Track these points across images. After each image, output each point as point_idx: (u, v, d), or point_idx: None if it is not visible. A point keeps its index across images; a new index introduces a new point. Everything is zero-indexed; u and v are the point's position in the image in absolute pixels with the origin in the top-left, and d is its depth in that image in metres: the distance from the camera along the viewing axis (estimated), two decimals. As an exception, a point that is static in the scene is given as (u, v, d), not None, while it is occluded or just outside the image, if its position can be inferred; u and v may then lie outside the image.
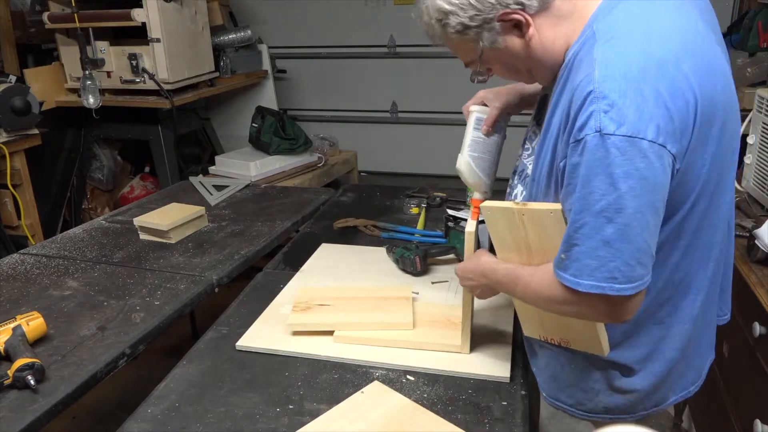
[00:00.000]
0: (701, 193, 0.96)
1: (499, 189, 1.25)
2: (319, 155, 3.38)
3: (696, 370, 1.16)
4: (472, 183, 1.23)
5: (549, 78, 1.05)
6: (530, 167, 1.11)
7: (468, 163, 1.22)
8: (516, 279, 1.06)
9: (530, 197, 1.09)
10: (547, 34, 0.98)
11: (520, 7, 0.95)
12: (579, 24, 0.96)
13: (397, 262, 1.70)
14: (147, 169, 3.92)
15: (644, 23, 0.91)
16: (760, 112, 1.85)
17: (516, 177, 1.20)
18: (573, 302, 0.95)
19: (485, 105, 1.25)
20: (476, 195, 1.23)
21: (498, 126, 1.25)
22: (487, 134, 1.23)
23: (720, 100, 0.93)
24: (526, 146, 1.20)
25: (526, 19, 0.96)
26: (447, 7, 0.98)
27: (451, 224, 1.75)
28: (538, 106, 1.19)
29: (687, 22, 0.95)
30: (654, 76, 0.85)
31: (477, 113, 1.23)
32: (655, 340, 1.07)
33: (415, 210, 2.17)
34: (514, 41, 1.00)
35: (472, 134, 1.23)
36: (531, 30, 0.97)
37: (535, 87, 1.25)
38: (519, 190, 1.18)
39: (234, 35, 3.70)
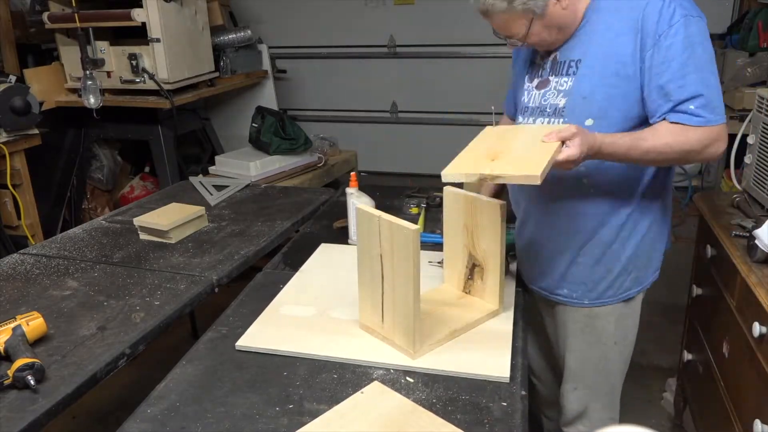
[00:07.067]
0: None
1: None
2: (319, 155, 3.38)
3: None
4: None
5: (567, 37, 1.41)
6: (560, 98, 1.42)
7: None
8: (639, 140, 1.33)
9: (578, 113, 1.39)
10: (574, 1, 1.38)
11: None
12: None
13: None
14: (147, 169, 3.92)
15: None
16: (760, 112, 1.85)
17: (528, 116, 1.50)
18: (698, 140, 1.30)
19: None
20: None
21: None
22: None
23: None
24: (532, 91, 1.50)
25: None
26: None
27: None
28: (529, 64, 1.53)
29: None
30: None
31: None
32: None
33: (414, 210, 2.17)
34: (556, 8, 1.35)
35: None
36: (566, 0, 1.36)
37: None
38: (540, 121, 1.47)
39: (234, 35, 3.70)
